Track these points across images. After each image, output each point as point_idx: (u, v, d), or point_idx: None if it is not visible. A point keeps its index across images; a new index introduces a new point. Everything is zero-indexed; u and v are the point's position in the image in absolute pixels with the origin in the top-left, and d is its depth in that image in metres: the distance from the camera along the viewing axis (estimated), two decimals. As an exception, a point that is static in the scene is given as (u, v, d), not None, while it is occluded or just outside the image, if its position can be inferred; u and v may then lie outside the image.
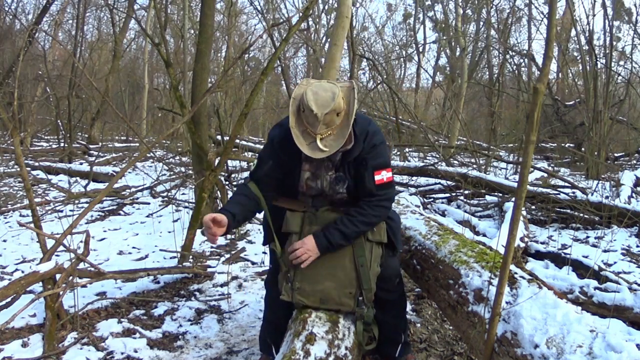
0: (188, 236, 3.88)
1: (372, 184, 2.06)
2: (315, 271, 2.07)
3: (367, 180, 2.05)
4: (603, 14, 11.36)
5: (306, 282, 2.06)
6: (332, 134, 1.93)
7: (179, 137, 10.65)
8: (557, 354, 1.53)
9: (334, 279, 2.05)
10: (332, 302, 2.04)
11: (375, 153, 2.05)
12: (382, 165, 2.07)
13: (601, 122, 8.90)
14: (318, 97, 1.89)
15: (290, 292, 2.06)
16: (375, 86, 12.33)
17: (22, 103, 11.48)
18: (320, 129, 1.89)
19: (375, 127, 2.12)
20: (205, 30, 4.72)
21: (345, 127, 1.94)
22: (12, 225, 5.22)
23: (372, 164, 2.05)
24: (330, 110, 1.86)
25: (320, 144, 1.89)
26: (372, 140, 2.05)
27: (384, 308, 2.27)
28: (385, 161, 2.09)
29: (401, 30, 21.83)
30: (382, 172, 2.07)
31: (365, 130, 2.06)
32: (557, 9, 8.60)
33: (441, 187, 7.04)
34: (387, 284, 2.24)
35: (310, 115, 1.88)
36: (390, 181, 2.10)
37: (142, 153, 3.79)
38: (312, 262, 2.06)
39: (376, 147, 2.06)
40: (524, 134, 1.78)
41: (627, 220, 4.94)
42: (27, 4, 34.69)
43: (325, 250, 2.04)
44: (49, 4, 11.86)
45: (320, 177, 2.13)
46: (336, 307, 2.04)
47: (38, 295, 2.53)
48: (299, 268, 2.06)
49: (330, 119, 1.89)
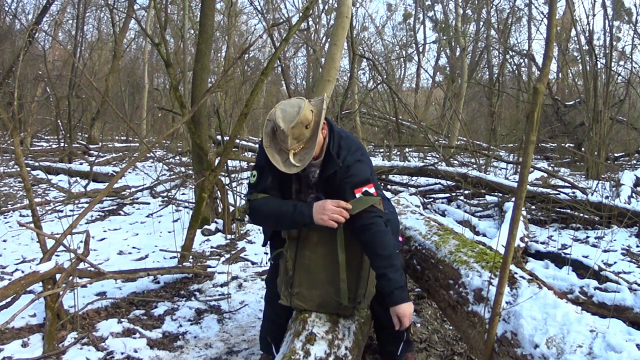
0: (188, 236, 3.88)
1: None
2: (314, 277, 2.07)
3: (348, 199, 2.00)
4: (603, 14, 11.38)
5: (305, 287, 2.06)
6: (304, 148, 1.93)
7: (179, 137, 10.65)
8: (557, 354, 1.53)
9: (333, 284, 2.05)
10: (331, 307, 2.04)
11: (350, 173, 2.02)
12: (360, 183, 2.02)
13: (601, 122, 8.90)
14: (285, 114, 1.91)
15: (288, 297, 2.07)
16: (375, 86, 12.34)
17: (22, 103, 11.48)
18: (292, 144, 1.90)
19: (351, 144, 2.09)
20: (205, 30, 4.72)
21: (315, 137, 1.93)
22: (12, 225, 5.22)
23: (351, 184, 2.02)
24: (297, 124, 1.87)
25: (294, 159, 1.91)
26: (346, 162, 2.02)
27: (385, 306, 2.27)
28: (362, 179, 2.03)
29: (401, 30, 21.83)
30: (363, 188, 2.02)
31: (339, 148, 2.04)
32: (557, 9, 8.60)
33: (441, 187, 7.03)
34: None
35: (280, 132, 1.90)
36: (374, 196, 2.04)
37: (142, 153, 3.79)
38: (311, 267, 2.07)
39: (350, 167, 2.03)
40: (524, 134, 1.78)
41: (627, 220, 4.94)
42: (27, 4, 34.73)
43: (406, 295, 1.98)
44: (49, 4, 11.86)
45: (304, 193, 2.15)
46: (334, 311, 2.05)
47: (38, 295, 2.53)
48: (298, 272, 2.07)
49: (299, 132, 1.90)
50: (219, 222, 5.13)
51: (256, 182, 2.12)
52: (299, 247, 2.11)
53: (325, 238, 2.09)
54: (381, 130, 13.02)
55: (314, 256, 2.09)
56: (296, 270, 2.08)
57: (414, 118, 10.62)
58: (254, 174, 2.15)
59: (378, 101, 12.80)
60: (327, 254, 2.08)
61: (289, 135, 1.88)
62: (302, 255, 2.09)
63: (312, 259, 2.09)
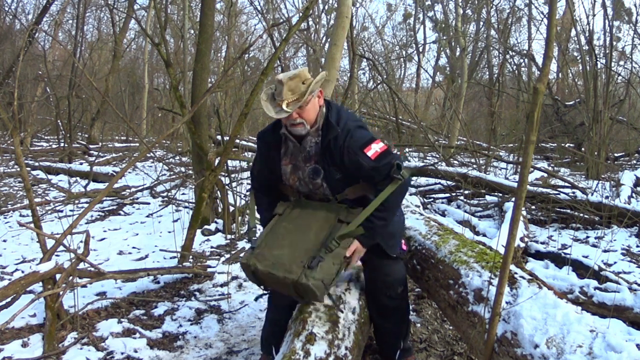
0: (188, 236, 3.88)
1: (369, 160, 2.00)
2: (279, 240, 2.07)
3: (363, 162, 2.00)
4: (603, 14, 11.38)
5: (267, 247, 2.05)
6: (297, 100, 1.98)
7: (179, 137, 10.65)
8: (557, 354, 1.53)
9: (291, 247, 2.02)
10: (282, 268, 1.96)
11: (353, 137, 2.02)
12: (367, 142, 2.02)
13: (601, 122, 8.89)
14: (287, 72, 2.03)
15: (248, 256, 2.06)
16: (375, 86, 12.34)
17: (22, 103, 11.48)
18: (286, 95, 1.96)
19: (351, 115, 2.14)
20: (205, 30, 4.72)
21: (309, 94, 1.98)
22: (12, 225, 5.22)
23: (357, 146, 2.01)
24: (295, 75, 1.98)
25: (286, 107, 1.97)
26: (346, 127, 2.04)
27: (384, 314, 2.27)
28: (368, 137, 2.05)
29: (401, 30, 21.83)
30: (372, 145, 2.01)
31: (339, 117, 2.07)
32: (557, 9, 8.60)
33: (441, 187, 7.03)
34: (390, 290, 2.23)
35: (278, 85, 1.99)
36: (386, 150, 2.03)
37: (142, 153, 3.79)
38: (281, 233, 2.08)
39: (350, 131, 2.03)
40: (524, 134, 1.78)
41: (627, 220, 4.94)
42: (27, 4, 34.73)
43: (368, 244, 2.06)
44: (49, 4, 11.85)
45: (300, 169, 2.15)
46: (283, 274, 1.93)
47: (38, 295, 2.54)
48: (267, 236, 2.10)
49: (295, 85, 1.97)
50: (219, 222, 5.13)
51: (252, 166, 2.36)
52: (279, 220, 2.15)
53: (305, 213, 2.13)
54: (381, 130, 13.01)
55: (288, 225, 2.11)
56: (266, 234, 2.11)
57: (414, 118, 10.61)
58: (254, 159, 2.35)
59: (378, 101, 12.79)
60: (300, 225, 2.09)
61: (285, 85, 1.96)
62: (278, 225, 2.13)
63: (286, 227, 2.11)
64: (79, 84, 11.80)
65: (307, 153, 2.12)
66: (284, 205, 2.21)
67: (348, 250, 2.01)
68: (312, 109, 2.04)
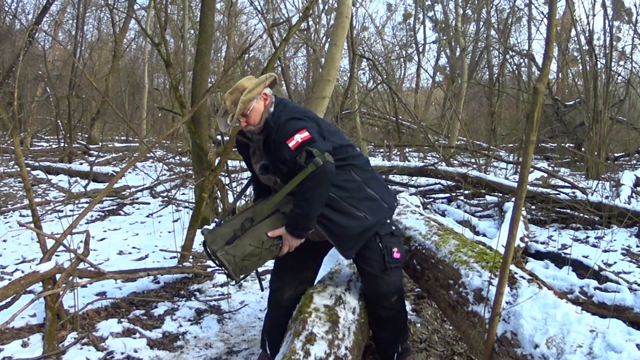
0: (188, 236, 3.88)
1: (289, 151, 1.97)
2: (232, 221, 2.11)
3: (284, 154, 1.99)
4: (603, 14, 11.37)
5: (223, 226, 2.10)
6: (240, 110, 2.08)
7: (179, 137, 10.65)
8: (557, 354, 1.53)
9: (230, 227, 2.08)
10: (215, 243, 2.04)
11: (281, 130, 2.03)
12: (292, 133, 1.99)
13: (601, 122, 8.89)
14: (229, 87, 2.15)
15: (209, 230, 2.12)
16: (375, 86, 12.33)
17: (22, 103, 11.48)
18: (231, 109, 2.10)
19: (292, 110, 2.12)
20: (205, 30, 4.72)
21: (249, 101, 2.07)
22: (12, 225, 5.22)
23: (283, 139, 2.01)
24: (233, 90, 2.10)
25: (230, 121, 2.10)
26: (279, 121, 2.07)
27: (380, 324, 2.28)
28: (295, 129, 2.00)
29: (401, 30, 21.79)
30: (294, 136, 1.99)
31: (279, 115, 2.09)
32: (557, 9, 8.60)
33: (441, 187, 7.03)
34: (383, 301, 2.21)
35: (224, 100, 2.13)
36: (308, 139, 1.97)
37: (142, 153, 3.79)
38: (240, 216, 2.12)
39: (281, 124, 2.04)
40: (524, 134, 1.78)
41: (627, 220, 4.94)
42: (27, 4, 34.72)
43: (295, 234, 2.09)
44: (49, 4, 11.86)
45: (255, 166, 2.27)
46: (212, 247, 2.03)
47: (38, 295, 2.53)
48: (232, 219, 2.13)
49: (235, 98, 2.09)
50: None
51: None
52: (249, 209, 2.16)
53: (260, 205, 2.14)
54: (381, 130, 13.02)
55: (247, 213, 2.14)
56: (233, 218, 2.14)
57: (414, 118, 10.61)
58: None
59: (378, 101, 12.79)
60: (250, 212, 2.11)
61: (227, 100, 2.11)
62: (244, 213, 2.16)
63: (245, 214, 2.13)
64: (79, 84, 11.80)
65: (260, 151, 2.21)
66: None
67: (271, 232, 2.07)
68: (255, 113, 2.10)
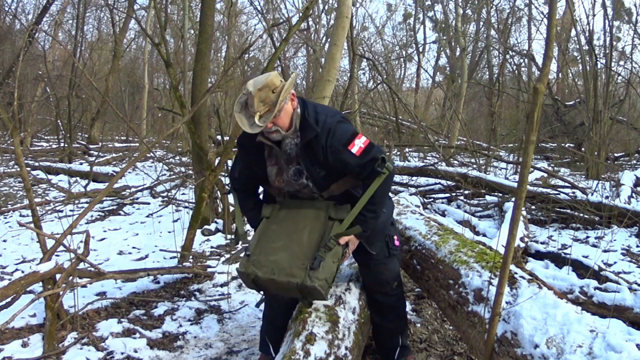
0: (188, 236, 3.88)
1: (354, 157, 1.99)
2: (272, 244, 2.06)
3: (348, 160, 2.00)
4: (603, 14, 11.36)
5: (263, 254, 2.04)
6: (270, 111, 1.95)
7: (179, 137, 10.65)
8: (557, 354, 1.53)
9: (287, 251, 2.02)
10: (283, 272, 1.96)
11: (335, 135, 2.01)
12: (350, 138, 2.01)
13: (601, 122, 8.89)
14: (255, 81, 1.98)
15: (245, 263, 2.04)
16: (375, 86, 12.32)
17: (22, 103, 11.47)
18: (258, 107, 1.94)
19: (328, 110, 2.11)
20: (205, 30, 4.72)
21: (281, 102, 1.95)
22: (12, 225, 5.22)
23: (340, 144, 2.00)
24: (264, 86, 1.93)
25: (259, 121, 1.94)
26: (326, 124, 2.02)
27: (381, 312, 2.28)
28: (350, 134, 2.03)
29: (401, 30, 21.77)
30: (355, 141, 2.01)
31: (316, 114, 2.04)
32: (557, 9, 8.59)
33: (441, 187, 7.03)
34: (384, 287, 2.24)
35: (248, 96, 1.95)
36: (369, 144, 2.03)
37: (142, 153, 3.79)
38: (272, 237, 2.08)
39: (331, 129, 2.01)
40: (524, 134, 1.78)
41: (627, 220, 4.94)
42: (27, 4, 34.68)
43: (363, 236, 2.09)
44: (49, 4, 11.86)
45: (285, 170, 2.14)
46: (286, 278, 1.95)
47: (38, 295, 2.53)
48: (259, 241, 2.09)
49: (265, 95, 1.94)
50: (219, 222, 5.13)
51: (232, 166, 2.32)
52: (268, 222, 2.15)
53: (292, 213, 2.13)
54: (381, 130, 13.00)
55: (278, 228, 2.11)
56: (258, 240, 2.09)
57: (414, 118, 10.61)
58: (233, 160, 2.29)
59: (378, 101, 12.78)
60: (289, 226, 2.09)
61: (255, 97, 1.93)
62: (267, 228, 2.13)
63: (275, 230, 2.10)
64: (79, 84, 11.80)
65: (288, 155, 2.10)
66: (270, 208, 2.20)
67: (341, 239, 2.03)
68: (286, 115, 2.01)
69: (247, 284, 2.09)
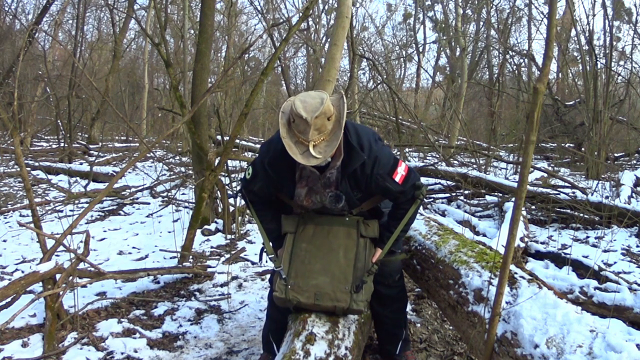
0: (188, 236, 3.88)
1: (397, 185, 2.06)
2: (309, 267, 2.05)
3: (391, 187, 2.06)
4: (603, 14, 11.37)
5: (300, 277, 2.03)
6: (324, 140, 1.84)
7: (179, 137, 10.65)
8: (557, 354, 1.53)
9: (327, 274, 2.02)
10: (327, 297, 1.98)
11: (380, 164, 2.01)
12: (393, 167, 2.05)
13: (601, 122, 8.90)
14: (306, 104, 1.81)
15: (284, 289, 2.02)
16: (375, 86, 12.32)
17: (22, 103, 11.47)
18: (313, 135, 1.80)
19: (367, 132, 2.07)
20: (205, 30, 4.72)
21: (338, 131, 1.85)
22: (12, 225, 5.22)
23: (385, 172, 2.03)
24: (320, 114, 1.78)
25: (314, 151, 1.81)
26: (372, 152, 1.98)
27: (384, 303, 2.29)
28: (394, 162, 2.06)
29: (401, 30, 21.79)
30: (397, 170, 2.05)
31: (359, 138, 1.98)
32: (557, 9, 8.59)
33: (441, 187, 7.03)
34: (388, 279, 2.27)
35: (300, 122, 1.80)
36: (409, 171, 2.09)
37: (142, 153, 3.79)
38: (307, 259, 2.07)
39: (378, 157, 2.00)
40: (524, 134, 1.78)
41: (627, 220, 4.94)
42: (27, 4, 34.68)
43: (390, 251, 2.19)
44: (49, 4, 11.85)
45: (319, 193, 2.09)
46: (331, 303, 1.98)
47: (38, 295, 2.53)
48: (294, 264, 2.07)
49: (321, 124, 1.81)
50: (219, 222, 5.13)
51: (249, 180, 2.15)
52: (296, 240, 2.12)
53: (322, 231, 2.12)
54: (381, 130, 12.99)
55: (310, 247, 2.09)
56: (292, 262, 2.07)
57: (414, 118, 10.60)
58: (249, 172, 2.16)
59: (378, 101, 12.78)
60: (323, 246, 2.09)
61: (311, 125, 1.78)
62: (298, 247, 2.10)
63: (308, 250, 2.09)
64: (79, 84, 11.80)
65: (327, 180, 2.06)
66: (291, 221, 2.16)
67: (374, 258, 2.14)
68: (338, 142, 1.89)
69: (282, 304, 2.08)
